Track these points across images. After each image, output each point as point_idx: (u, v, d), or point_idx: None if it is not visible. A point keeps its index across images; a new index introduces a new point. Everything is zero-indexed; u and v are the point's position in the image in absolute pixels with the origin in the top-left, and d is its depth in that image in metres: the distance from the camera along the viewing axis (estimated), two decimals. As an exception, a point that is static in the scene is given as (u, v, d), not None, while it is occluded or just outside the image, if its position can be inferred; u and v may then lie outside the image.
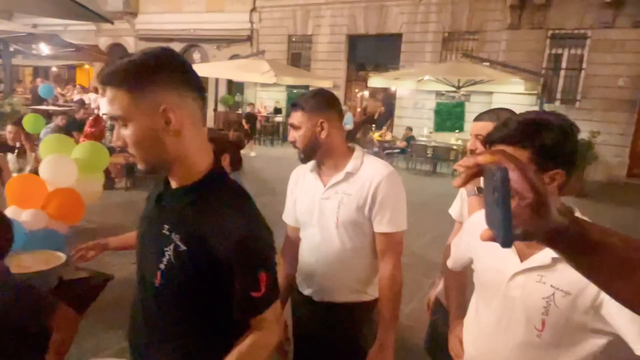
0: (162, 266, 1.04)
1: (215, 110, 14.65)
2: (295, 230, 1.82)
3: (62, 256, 2.07)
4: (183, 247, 1.01)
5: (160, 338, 1.10)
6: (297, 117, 1.61)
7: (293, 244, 1.82)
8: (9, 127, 4.66)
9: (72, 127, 7.38)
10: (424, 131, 11.94)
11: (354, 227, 1.61)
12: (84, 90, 14.03)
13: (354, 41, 14.08)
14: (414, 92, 12.57)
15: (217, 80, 14.39)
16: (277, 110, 14.92)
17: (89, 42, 14.13)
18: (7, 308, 1.46)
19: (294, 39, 15.10)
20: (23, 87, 13.90)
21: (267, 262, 1.05)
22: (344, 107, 13.43)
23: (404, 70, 11.86)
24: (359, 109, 14.56)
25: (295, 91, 14.74)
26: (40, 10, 7.25)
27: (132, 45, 17.47)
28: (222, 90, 16.03)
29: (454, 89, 10.81)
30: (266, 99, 15.45)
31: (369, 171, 1.61)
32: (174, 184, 1.09)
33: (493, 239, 0.56)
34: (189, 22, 15.85)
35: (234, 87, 16.44)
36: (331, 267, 1.65)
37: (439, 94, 12.45)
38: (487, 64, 10.56)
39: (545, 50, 11.20)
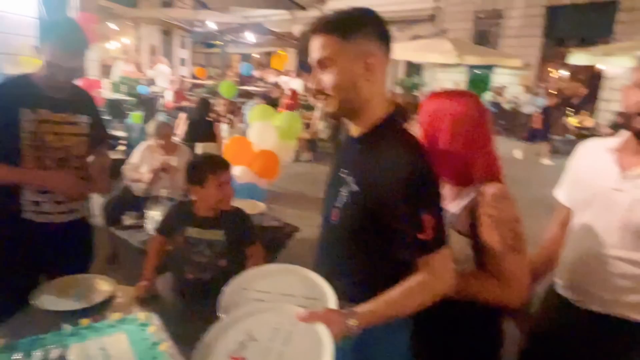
0: (337, 204, 1.18)
1: (391, 92, 14.74)
2: (564, 210, 1.50)
3: (263, 205, 2.45)
4: (356, 188, 1.13)
5: (336, 272, 1.22)
6: None
7: (559, 225, 1.52)
8: (222, 100, 5.61)
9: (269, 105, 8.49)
10: (638, 118, 9.91)
11: None
12: (279, 73, 15.72)
13: (554, 12, 12.40)
14: (628, 70, 10.51)
15: (395, 62, 14.45)
16: (456, 93, 14.25)
17: (284, 30, 15.71)
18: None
19: (481, 15, 14.11)
20: (232, 72, 16.28)
21: (431, 205, 1.07)
22: (537, 89, 12.09)
23: (617, 45, 9.99)
24: (550, 90, 12.90)
25: (478, 72, 13.83)
26: (251, 2, 8.38)
27: (320, 31, 18.72)
28: (400, 72, 16.03)
29: (687, 65, 8.65)
30: (445, 81, 14.90)
31: None
32: (354, 132, 1.21)
33: None
34: (373, 5, 16.12)
35: (412, 69, 16.29)
36: (598, 271, 1.31)
37: (664, 72, 10.13)
38: None
39: None
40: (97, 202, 4.15)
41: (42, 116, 1.79)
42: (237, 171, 2.80)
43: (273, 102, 8.79)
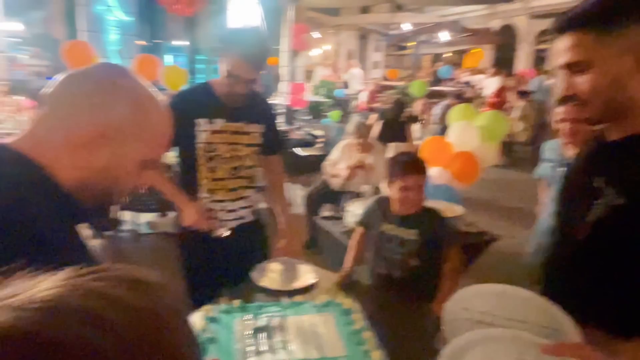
0: (588, 219, 1.01)
1: None
2: None
3: (459, 209, 2.35)
4: (620, 202, 0.94)
5: (580, 297, 1.05)
6: None
7: None
8: (420, 100, 5.58)
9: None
10: None
11: None
12: (472, 72, 14.95)
13: None
14: None
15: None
16: None
17: (481, 26, 14.83)
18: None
19: None
20: (423, 73, 16.15)
21: None
22: None
23: None
24: None
25: None
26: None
27: (523, 25, 17.10)
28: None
29: None
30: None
31: None
32: (613, 135, 1.01)
33: None
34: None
35: None
36: None
37: None
38: None
39: None
40: (299, 194, 4.65)
41: (217, 126, 1.78)
42: (433, 172, 2.76)
43: (466, 102, 8.41)
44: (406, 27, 12.29)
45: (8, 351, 0.27)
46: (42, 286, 0.32)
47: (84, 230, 0.79)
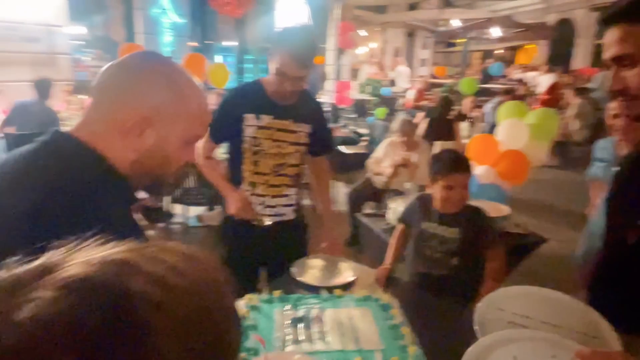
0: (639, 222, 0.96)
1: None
2: None
3: (506, 209, 2.28)
4: None
5: (624, 300, 1.00)
6: None
7: None
8: (469, 98, 5.46)
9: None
10: None
11: None
12: (525, 69, 14.35)
13: None
14: None
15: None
16: None
17: (535, 20, 14.18)
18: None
19: None
20: (472, 70, 15.68)
21: None
22: None
23: None
24: None
25: None
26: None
27: (581, 19, 16.19)
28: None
29: None
30: None
31: None
32: None
33: None
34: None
35: None
36: None
37: None
38: None
39: None
40: (342, 191, 4.67)
41: (263, 122, 1.82)
42: (480, 171, 2.69)
43: (518, 100, 8.08)
44: (455, 23, 11.99)
45: (87, 296, 0.32)
46: (111, 250, 0.38)
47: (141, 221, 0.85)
